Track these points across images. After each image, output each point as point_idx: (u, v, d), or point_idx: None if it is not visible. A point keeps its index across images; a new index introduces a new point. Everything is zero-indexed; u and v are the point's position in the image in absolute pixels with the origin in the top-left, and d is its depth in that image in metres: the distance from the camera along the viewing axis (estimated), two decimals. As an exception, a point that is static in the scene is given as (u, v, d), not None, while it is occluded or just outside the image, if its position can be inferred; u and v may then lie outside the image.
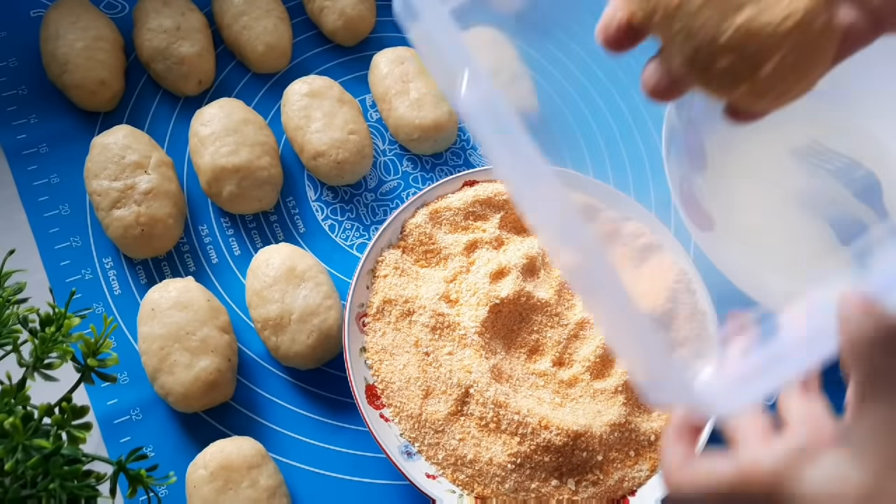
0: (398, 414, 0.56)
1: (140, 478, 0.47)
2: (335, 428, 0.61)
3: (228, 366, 0.58)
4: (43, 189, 0.66)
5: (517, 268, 0.59)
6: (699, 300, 0.60)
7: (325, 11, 0.74)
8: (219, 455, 0.54)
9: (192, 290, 0.59)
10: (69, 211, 0.66)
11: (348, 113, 0.67)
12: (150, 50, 0.69)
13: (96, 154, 0.63)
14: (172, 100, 0.72)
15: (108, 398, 0.59)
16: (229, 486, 0.53)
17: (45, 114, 0.69)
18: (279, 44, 0.72)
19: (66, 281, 0.63)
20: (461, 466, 0.54)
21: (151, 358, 0.57)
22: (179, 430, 0.59)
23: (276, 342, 0.59)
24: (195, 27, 0.70)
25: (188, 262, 0.65)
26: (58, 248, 0.64)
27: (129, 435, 0.58)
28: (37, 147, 0.68)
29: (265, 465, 0.55)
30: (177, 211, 0.64)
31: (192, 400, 0.57)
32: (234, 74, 0.73)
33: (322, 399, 0.61)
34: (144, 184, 0.62)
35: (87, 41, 0.67)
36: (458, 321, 0.57)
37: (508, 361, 0.58)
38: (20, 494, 0.45)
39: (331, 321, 0.59)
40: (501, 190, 0.63)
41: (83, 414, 0.46)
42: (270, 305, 0.59)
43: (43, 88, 0.70)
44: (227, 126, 0.64)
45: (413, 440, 0.55)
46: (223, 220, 0.67)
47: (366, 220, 0.69)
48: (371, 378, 0.57)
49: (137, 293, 0.63)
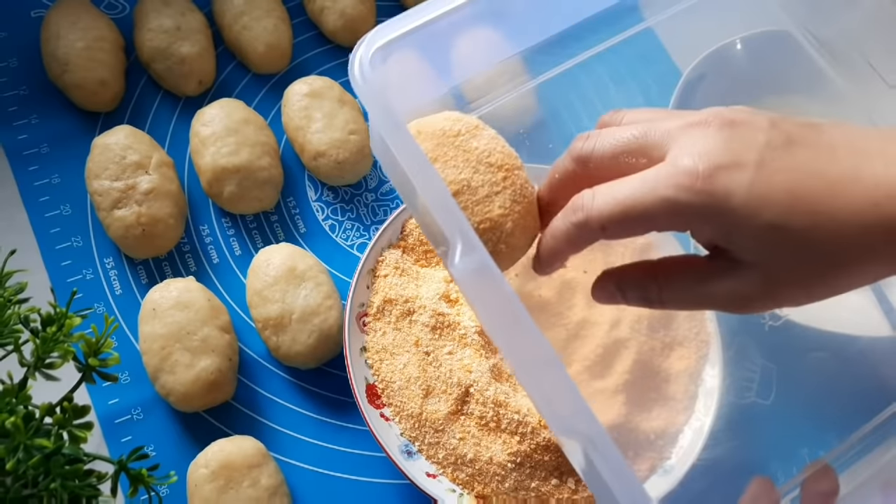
0: (398, 413, 0.56)
1: (141, 477, 0.47)
2: (336, 427, 0.61)
3: (229, 365, 0.58)
4: (44, 189, 0.66)
5: (517, 267, 0.59)
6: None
7: (326, 12, 0.74)
8: (220, 454, 0.54)
9: (192, 289, 0.59)
10: (70, 211, 0.66)
11: (349, 113, 0.67)
12: (150, 50, 0.69)
13: (97, 154, 0.63)
14: (173, 100, 0.72)
15: (109, 398, 0.59)
16: (230, 486, 0.53)
17: (45, 114, 0.69)
18: (279, 44, 0.72)
19: (68, 281, 0.63)
20: (461, 465, 0.54)
21: (152, 357, 0.57)
22: (180, 430, 0.59)
23: (277, 342, 0.59)
24: (195, 27, 0.70)
25: (189, 261, 0.65)
26: (59, 248, 0.64)
27: (130, 434, 0.58)
28: (38, 147, 0.68)
29: (266, 464, 0.55)
30: (177, 211, 0.64)
31: (192, 399, 0.57)
32: (235, 75, 0.73)
33: (323, 398, 0.61)
34: (145, 184, 0.62)
35: (88, 41, 0.67)
36: (458, 321, 0.57)
37: (508, 361, 0.58)
38: (21, 494, 0.45)
39: (331, 321, 0.59)
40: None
41: (84, 413, 0.46)
42: (271, 305, 0.59)
43: (44, 89, 0.70)
44: (227, 126, 0.64)
45: (413, 439, 0.55)
46: (224, 220, 0.67)
47: (366, 220, 0.69)
48: (371, 377, 0.57)
49: (138, 293, 0.63)
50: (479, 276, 0.38)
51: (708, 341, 0.58)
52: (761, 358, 0.56)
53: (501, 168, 0.44)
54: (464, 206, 0.43)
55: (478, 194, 0.44)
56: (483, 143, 0.45)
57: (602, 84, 0.70)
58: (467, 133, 0.45)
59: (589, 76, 0.67)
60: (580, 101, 0.67)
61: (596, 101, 0.67)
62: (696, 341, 0.58)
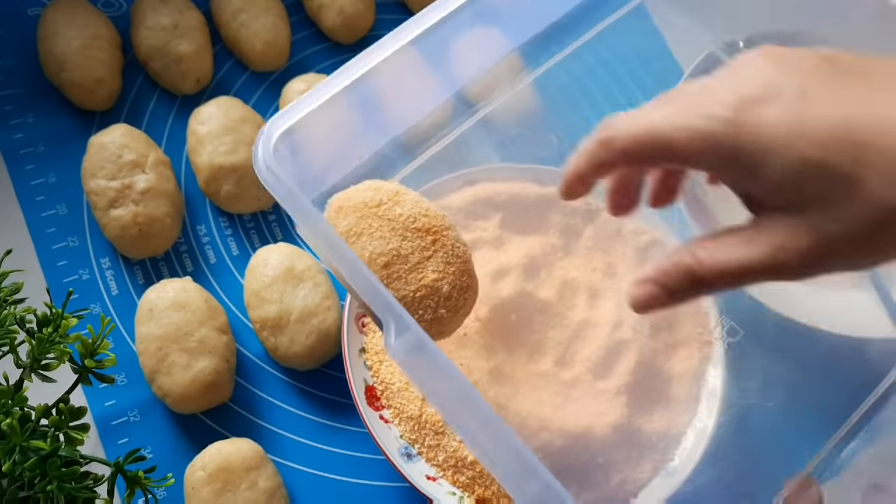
0: (398, 415, 0.56)
1: (138, 479, 0.47)
2: (334, 429, 0.60)
3: (227, 367, 0.58)
4: (40, 189, 0.66)
5: (518, 268, 0.59)
6: (701, 299, 0.60)
7: (324, 9, 0.73)
8: (217, 457, 0.54)
9: (189, 290, 0.59)
10: (66, 211, 0.65)
11: (347, 112, 0.67)
12: (147, 48, 0.69)
13: (94, 153, 0.63)
14: (170, 98, 0.71)
15: (105, 399, 0.59)
16: (228, 488, 0.53)
17: (42, 113, 0.69)
18: (277, 41, 0.71)
19: (64, 281, 0.63)
20: (462, 468, 0.54)
21: (149, 359, 0.56)
22: (177, 432, 0.59)
23: (275, 343, 0.59)
24: (193, 25, 0.70)
25: (186, 262, 0.65)
26: (55, 248, 0.64)
27: (126, 436, 0.58)
28: (34, 146, 0.67)
29: (264, 466, 0.55)
30: (174, 210, 0.64)
31: (190, 401, 0.56)
32: (233, 73, 0.73)
33: (321, 400, 0.61)
34: (142, 183, 0.62)
35: (85, 39, 0.67)
36: (458, 321, 0.57)
37: (509, 362, 0.58)
38: (18, 496, 0.44)
39: (330, 321, 0.59)
40: (501, 190, 0.63)
41: (81, 415, 0.46)
42: (269, 306, 0.59)
43: (40, 87, 0.69)
44: (225, 125, 0.64)
45: (413, 441, 0.55)
46: (221, 219, 0.67)
47: (365, 219, 0.68)
48: (371, 379, 0.57)
49: (135, 293, 0.63)
50: (417, 354, 0.37)
51: (710, 342, 0.58)
52: (764, 359, 0.56)
53: (429, 231, 0.44)
54: (397, 276, 0.43)
55: (409, 262, 0.44)
56: (407, 208, 0.45)
57: (603, 83, 0.70)
58: (389, 201, 0.45)
59: (589, 75, 0.67)
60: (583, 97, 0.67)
61: (600, 99, 0.67)
62: (698, 342, 0.58)
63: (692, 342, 0.58)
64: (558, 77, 0.62)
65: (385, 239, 0.44)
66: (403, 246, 0.44)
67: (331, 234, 0.40)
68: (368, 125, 0.49)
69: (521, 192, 0.62)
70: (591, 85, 0.71)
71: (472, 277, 0.46)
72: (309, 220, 0.40)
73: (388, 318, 0.37)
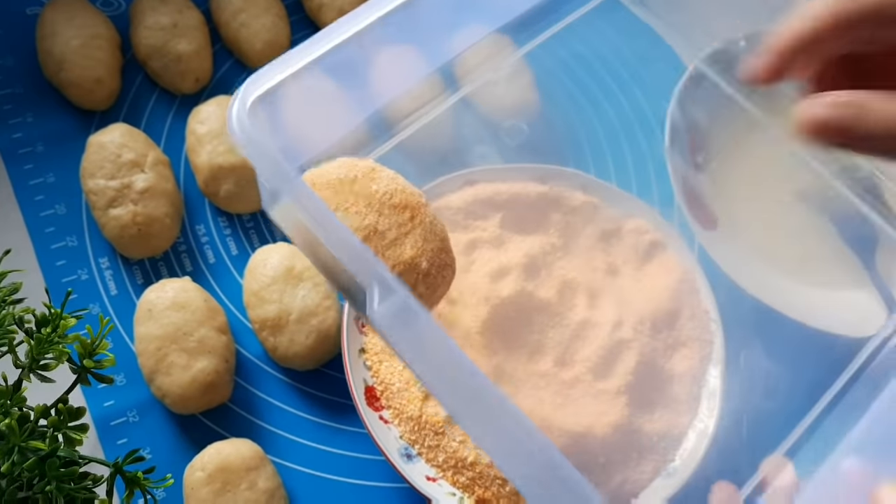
0: (398, 416, 0.55)
1: (137, 480, 0.47)
2: (334, 430, 0.60)
3: (226, 367, 0.58)
4: (39, 188, 0.65)
5: (518, 267, 0.59)
6: (702, 299, 0.60)
7: (324, 9, 0.73)
8: (216, 457, 0.54)
9: (189, 290, 0.59)
10: (65, 210, 0.65)
11: (347, 111, 0.67)
12: (146, 48, 0.69)
13: (92, 153, 0.63)
14: (169, 98, 0.71)
15: (104, 400, 0.59)
16: (227, 489, 0.53)
17: (41, 113, 0.69)
18: (277, 41, 0.71)
19: (62, 281, 0.62)
20: (462, 469, 0.54)
21: (148, 359, 0.56)
22: (177, 432, 0.59)
23: (275, 343, 0.59)
24: (192, 24, 0.70)
25: (185, 261, 0.65)
26: (54, 247, 0.64)
27: (125, 437, 0.58)
28: (33, 146, 0.67)
29: (263, 467, 0.54)
30: (174, 210, 0.63)
31: (189, 401, 0.56)
32: (232, 72, 0.73)
33: (321, 401, 0.61)
34: (141, 183, 0.62)
35: (84, 39, 0.67)
36: (458, 321, 0.57)
37: (509, 362, 0.58)
38: (16, 497, 0.44)
39: (329, 321, 0.59)
40: (501, 189, 0.63)
41: (80, 415, 0.46)
42: (268, 306, 0.59)
43: (39, 87, 0.69)
44: (224, 124, 0.64)
45: (413, 442, 0.55)
46: (220, 219, 0.67)
47: (365, 219, 0.68)
48: (370, 379, 0.56)
49: (134, 293, 0.63)
50: (403, 318, 0.35)
51: (711, 342, 0.58)
52: (765, 359, 0.56)
53: (407, 208, 0.43)
54: (374, 252, 0.42)
55: (386, 238, 0.43)
56: (383, 185, 0.44)
57: (604, 83, 0.70)
58: (364, 178, 0.44)
59: (590, 76, 0.67)
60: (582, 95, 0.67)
61: (599, 97, 0.67)
62: (699, 342, 0.58)
63: (692, 342, 0.58)
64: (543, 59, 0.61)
65: (361, 214, 0.42)
66: (380, 222, 0.42)
67: (313, 197, 0.37)
68: (348, 99, 0.47)
69: (521, 192, 0.62)
70: (590, 83, 0.71)
71: (449, 255, 0.45)
72: (291, 184, 0.37)
73: (372, 283, 0.35)
